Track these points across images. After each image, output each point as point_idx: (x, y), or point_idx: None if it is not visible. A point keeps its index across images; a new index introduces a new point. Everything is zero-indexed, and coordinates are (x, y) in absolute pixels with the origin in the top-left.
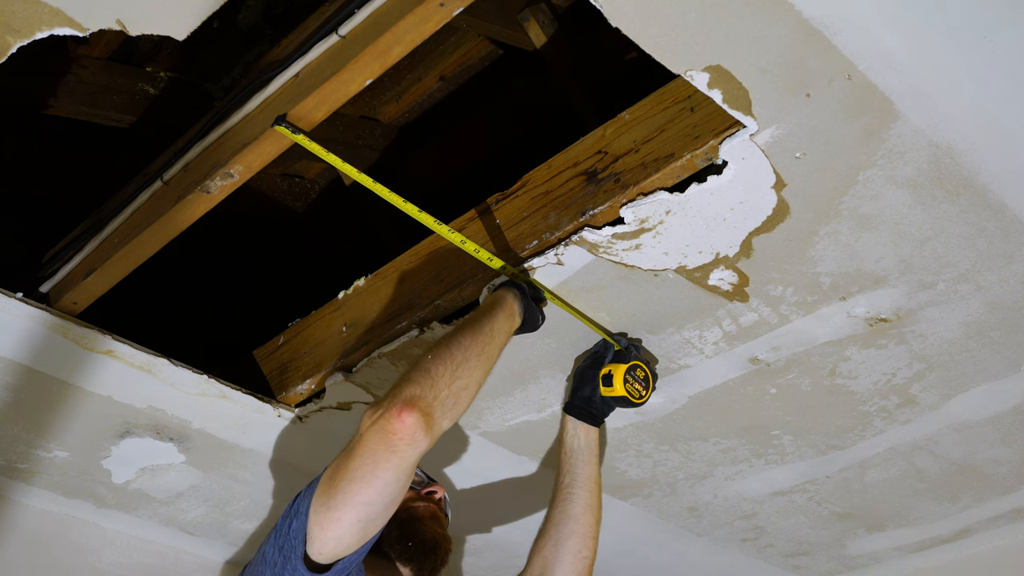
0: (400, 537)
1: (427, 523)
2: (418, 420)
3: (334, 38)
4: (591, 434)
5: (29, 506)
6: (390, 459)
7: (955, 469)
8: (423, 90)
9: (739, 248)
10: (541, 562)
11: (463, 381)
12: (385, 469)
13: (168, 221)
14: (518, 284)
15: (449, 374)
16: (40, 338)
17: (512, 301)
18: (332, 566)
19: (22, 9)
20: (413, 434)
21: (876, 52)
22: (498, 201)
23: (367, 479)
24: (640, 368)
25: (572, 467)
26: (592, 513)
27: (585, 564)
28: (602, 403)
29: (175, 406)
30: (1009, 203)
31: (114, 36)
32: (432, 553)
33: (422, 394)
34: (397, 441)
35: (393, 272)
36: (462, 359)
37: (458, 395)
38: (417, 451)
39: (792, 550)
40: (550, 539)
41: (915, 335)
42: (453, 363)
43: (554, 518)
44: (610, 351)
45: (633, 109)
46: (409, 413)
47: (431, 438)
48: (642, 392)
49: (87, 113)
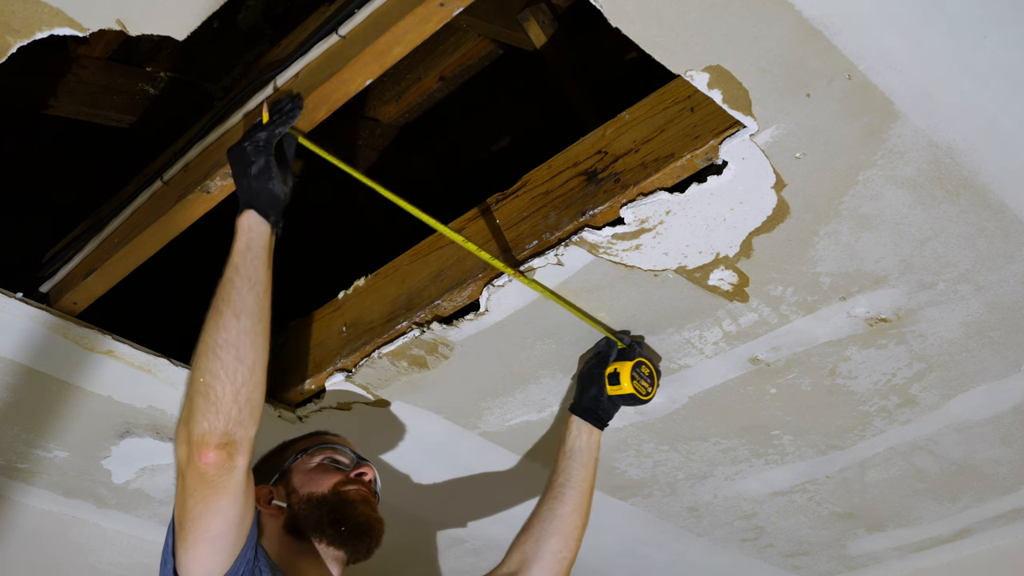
0: (332, 522)
1: (359, 507)
2: (219, 454)
3: (334, 38)
4: (593, 436)
5: (29, 506)
6: (215, 491)
7: (955, 469)
8: (423, 90)
9: (739, 248)
10: (520, 556)
11: (246, 383)
12: (215, 500)
13: (168, 221)
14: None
15: (230, 388)
16: (40, 338)
17: (242, 221)
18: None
19: (22, 9)
20: (222, 464)
21: (876, 52)
22: (498, 201)
23: (205, 515)
24: (645, 365)
25: (568, 467)
26: (579, 515)
27: (564, 565)
28: (609, 403)
29: (175, 406)
30: (1009, 203)
31: (114, 36)
32: (366, 536)
33: (212, 428)
34: (212, 476)
35: (393, 272)
36: (234, 360)
37: (249, 398)
38: (237, 472)
39: (792, 550)
40: (532, 535)
41: (915, 335)
42: (226, 370)
43: (540, 515)
44: (614, 349)
45: (633, 109)
46: (207, 453)
47: (243, 454)
48: (648, 389)
49: (87, 113)
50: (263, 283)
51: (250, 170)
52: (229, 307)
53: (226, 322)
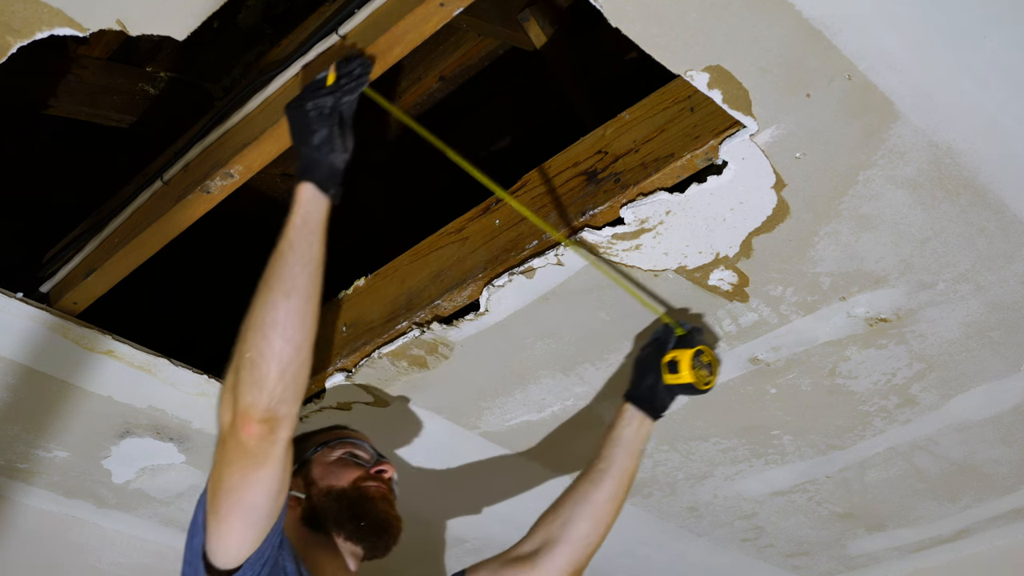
0: (352, 517)
1: (379, 503)
2: (262, 427)
3: (334, 38)
4: (644, 427)
5: (29, 506)
6: (253, 462)
7: (955, 469)
8: (423, 90)
9: (739, 248)
10: (544, 536)
11: (292, 360)
12: (254, 471)
13: (168, 221)
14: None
15: (275, 366)
16: (40, 338)
17: (299, 194)
18: (241, 566)
19: (22, 9)
20: (263, 437)
21: (876, 52)
22: (498, 201)
23: (242, 485)
24: (705, 353)
25: (612, 454)
26: (614, 505)
27: (588, 552)
28: (666, 392)
29: (175, 406)
30: (1009, 203)
31: (114, 36)
32: (384, 533)
33: (256, 402)
34: (252, 447)
35: (393, 272)
36: (281, 339)
37: (295, 378)
38: (278, 445)
39: (792, 550)
40: (561, 516)
41: (915, 335)
42: (271, 349)
43: (573, 498)
44: (672, 336)
45: (633, 109)
46: (250, 425)
47: (286, 428)
48: (708, 378)
49: (87, 113)
50: (316, 260)
51: (312, 140)
52: (280, 285)
53: (275, 300)
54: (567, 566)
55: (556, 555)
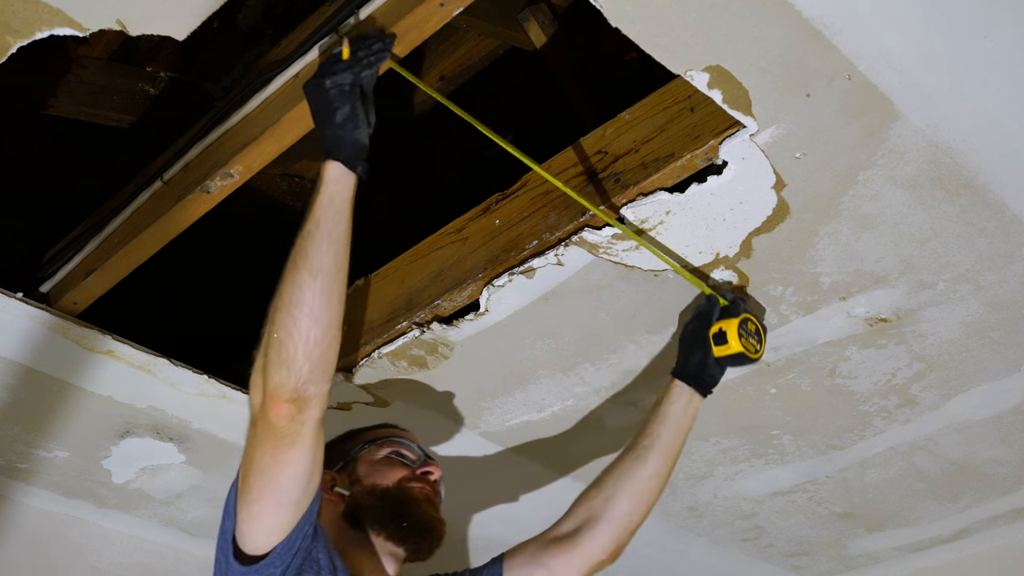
0: (394, 517)
1: (423, 505)
2: (291, 407)
3: (334, 38)
4: (692, 404)
5: (29, 506)
6: (283, 443)
7: (955, 469)
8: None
9: (739, 248)
10: (586, 513)
11: (320, 340)
12: (284, 452)
13: (168, 221)
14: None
15: (303, 346)
16: (40, 338)
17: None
18: (269, 553)
19: (22, 9)
20: (293, 417)
21: (876, 52)
22: (498, 201)
23: (273, 467)
24: (751, 321)
25: (658, 431)
26: (658, 482)
27: (630, 530)
28: (715, 366)
29: (175, 406)
30: (1009, 203)
31: (114, 36)
32: (427, 534)
33: (284, 382)
34: (282, 428)
35: (393, 272)
36: (308, 319)
37: (323, 356)
38: (309, 425)
39: (792, 550)
40: (604, 493)
41: (915, 335)
42: (299, 330)
43: (616, 474)
44: (716, 307)
45: (633, 109)
46: (279, 405)
47: (316, 407)
48: (757, 347)
49: (87, 113)
50: (343, 239)
51: (334, 117)
52: (306, 264)
53: (301, 280)
54: (609, 544)
55: (598, 533)
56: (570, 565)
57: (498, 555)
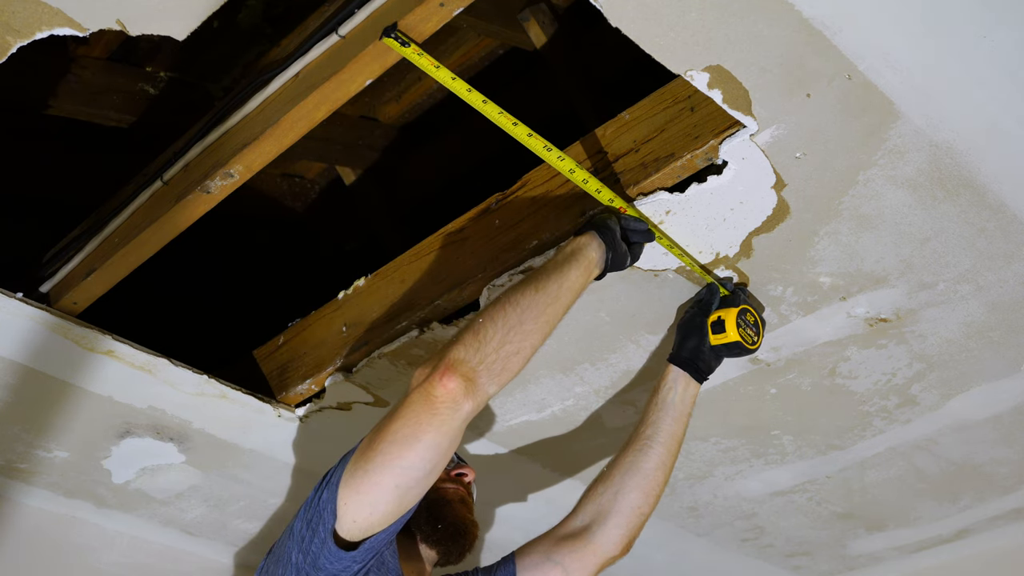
0: (429, 519)
1: (456, 506)
2: (460, 385)
3: (334, 38)
4: (689, 390)
5: (29, 506)
6: (431, 422)
7: (955, 469)
8: (423, 90)
9: (739, 248)
10: (596, 508)
11: (514, 346)
12: (427, 432)
13: (168, 221)
14: (605, 225)
15: (499, 337)
16: (40, 338)
17: (591, 252)
18: (361, 544)
19: (22, 9)
20: (455, 399)
21: (876, 52)
22: (498, 201)
23: (408, 442)
24: (750, 313)
25: (658, 420)
26: (664, 472)
27: (641, 521)
28: (711, 354)
29: (175, 406)
30: (1009, 203)
31: (114, 36)
32: (461, 537)
33: (466, 358)
34: (439, 405)
35: (393, 272)
36: (516, 322)
37: (507, 360)
38: (460, 416)
39: (792, 550)
40: (611, 487)
41: (915, 335)
42: (506, 325)
43: (621, 467)
44: (716, 297)
45: (633, 109)
46: (451, 377)
47: (475, 403)
48: (754, 338)
49: (87, 113)
50: (568, 303)
51: (624, 264)
52: (546, 292)
53: (538, 301)
54: (622, 538)
55: (610, 527)
56: (584, 561)
57: (508, 554)
